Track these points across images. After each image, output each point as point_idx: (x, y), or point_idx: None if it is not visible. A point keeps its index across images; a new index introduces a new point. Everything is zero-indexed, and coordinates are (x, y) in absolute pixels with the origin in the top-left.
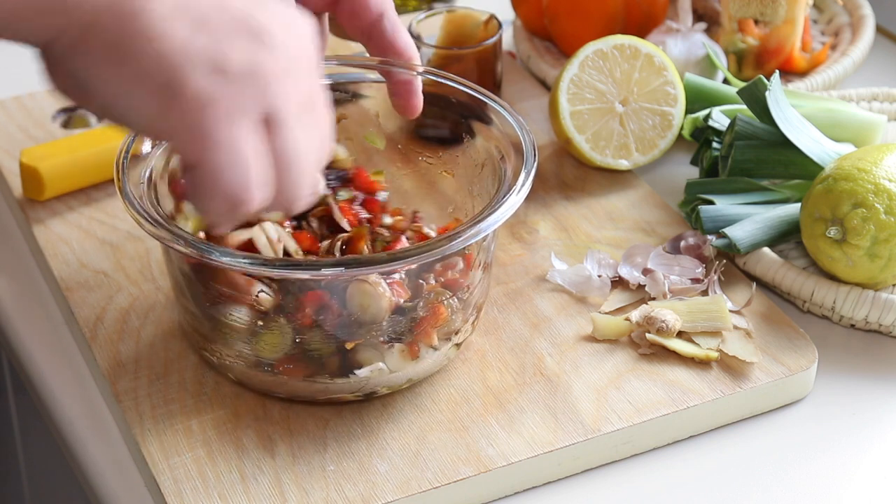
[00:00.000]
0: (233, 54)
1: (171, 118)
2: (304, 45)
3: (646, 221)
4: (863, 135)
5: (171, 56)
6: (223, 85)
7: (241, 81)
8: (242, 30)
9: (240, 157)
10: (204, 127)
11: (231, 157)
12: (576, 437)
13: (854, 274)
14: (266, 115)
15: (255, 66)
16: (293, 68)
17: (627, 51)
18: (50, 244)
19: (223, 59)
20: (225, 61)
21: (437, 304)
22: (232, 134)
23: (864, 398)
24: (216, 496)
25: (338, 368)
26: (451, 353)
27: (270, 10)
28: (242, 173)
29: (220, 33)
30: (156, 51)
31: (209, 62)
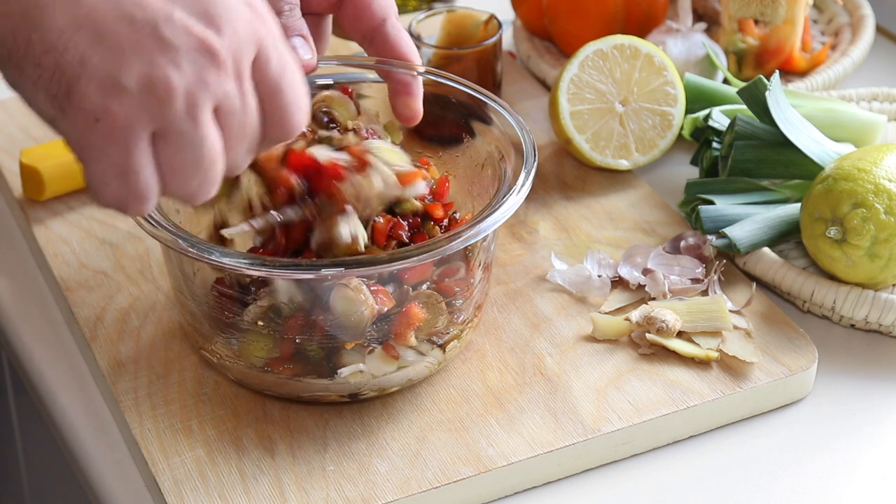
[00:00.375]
0: (129, 69)
1: (65, 125)
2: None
3: (646, 221)
4: (863, 135)
5: (66, 69)
6: (115, 101)
7: (135, 98)
8: (144, 43)
9: (123, 174)
10: (92, 140)
11: (114, 173)
12: (576, 437)
13: (854, 274)
14: (160, 129)
15: (152, 82)
16: (198, 80)
17: (627, 51)
18: (50, 244)
19: (118, 76)
20: (120, 77)
21: (409, 304)
22: (119, 151)
23: (864, 398)
24: (216, 496)
25: (323, 369)
26: (437, 355)
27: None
28: (124, 188)
29: (119, 47)
30: (51, 62)
31: (103, 78)
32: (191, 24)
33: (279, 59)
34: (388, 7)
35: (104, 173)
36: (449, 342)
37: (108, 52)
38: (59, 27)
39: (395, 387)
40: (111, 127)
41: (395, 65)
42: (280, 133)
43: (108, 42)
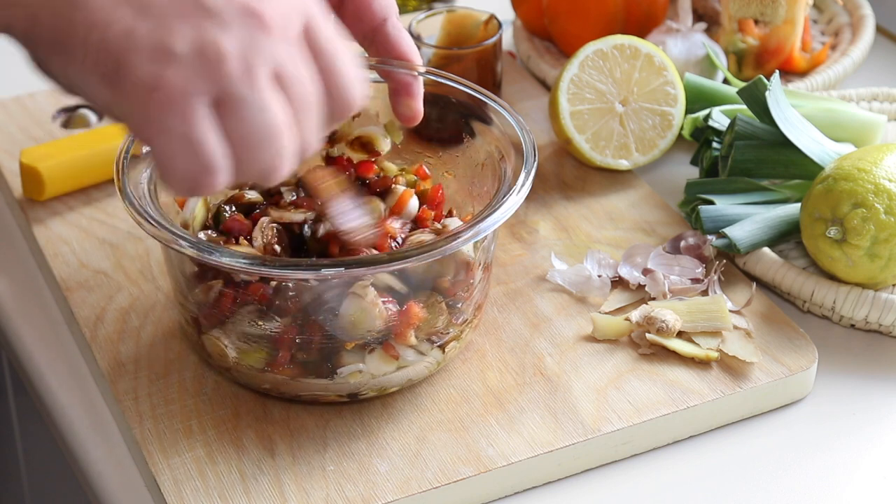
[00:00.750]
0: (178, 36)
1: (122, 104)
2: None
3: (646, 221)
4: (863, 135)
5: (113, 43)
6: (168, 69)
7: (187, 64)
8: (188, 10)
9: (189, 144)
10: (151, 113)
11: (179, 144)
12: (576, 437)
13: (854, 274)
14: (219, 95)
15: (203, 46)
16: (250, 44)
17: (627, 51)
18: (50, 244)
19: (168, 43)
20: (170, 45)
21: (410, 303)
22: (180, 120)
23: (864, 398)
24: (216, 496)
25: (323, 369)
26: (437, 355)
27: None
28: (192, 160)
29: (164, 16)
30: (97, 39)
31: (153, 47)
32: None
33: (328, 31)
34: (389, 7)
35: (169, 147)
36: (448, 342)
37: (153, 22)
38: (100, 4)
39: (394, 387)
40: (168, 96)
41: (396, 65)
42: (342, 107)
43: (153, 12)
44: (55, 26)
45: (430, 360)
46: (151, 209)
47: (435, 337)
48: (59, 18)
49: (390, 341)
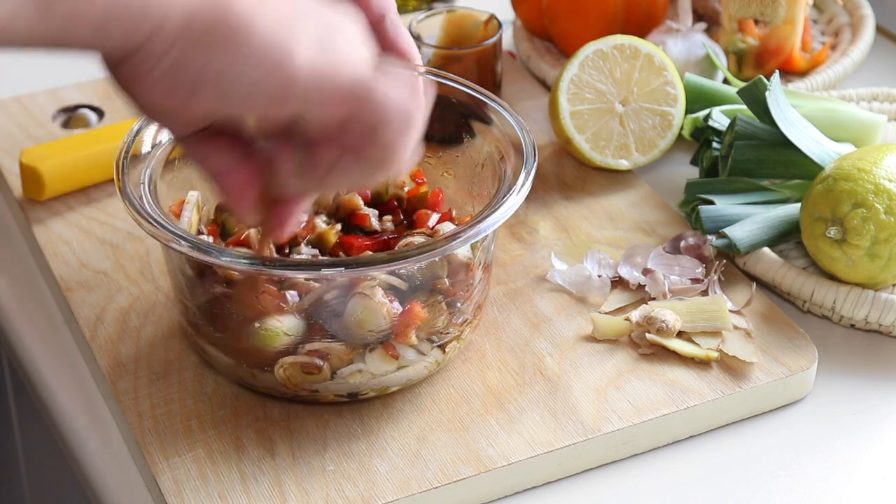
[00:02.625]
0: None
1: (294, 85)
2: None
3: (646, 221)
4: (863, 135)
5: (277, 34)
6: (327, 53)
7: (354, 34)
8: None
9: (388, 86)
10: (333, 82)
11: (379, 87)
12: (576, 437)
13: (854, 274)
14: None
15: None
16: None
17: (627, 51)
18: (50, 244)
19: (323, 37)
20: (327, 40)
21: (412, 303)
22: (369, 75)
23: (864, 398)
24: (216, 496)
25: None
26: (437, 355)
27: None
28: (400, 93)
29: (318, 14)
30: (261, 29)
31: (312, 38)
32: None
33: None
34: (387, 4)
35: (372, 94)
36: (449, 342)
37: (317, 19)
38: (249, 4)
39: (394, 387)
40: (345, 68)
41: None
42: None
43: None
44: (213, 19)
45: (430, 359)
46: (151, 209)
47: (435, 337)
48: (215, 11)
49: (391, 341)
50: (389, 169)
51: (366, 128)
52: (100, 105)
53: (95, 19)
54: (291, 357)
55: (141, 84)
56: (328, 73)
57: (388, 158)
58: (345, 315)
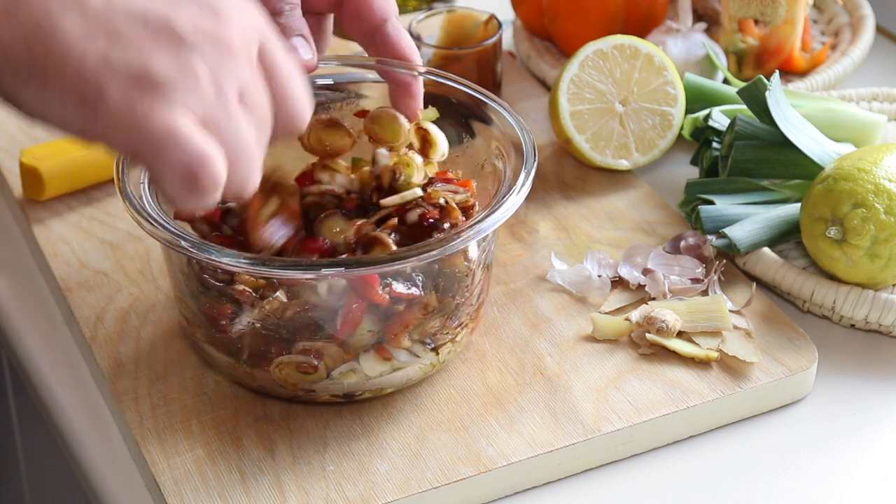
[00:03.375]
0: (154, 62)
1: (101, 127)
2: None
3: (646, 221)
4: (863, 135)
5: (91, 71)
6: (147, 91)
7: (165, 86)
8: (161, 38)
9: (178, 140)
10: (137, 131)
11: (170, 146)
12: (576, 437)
13: (854, 274)
14: (203, 114)
15: (179, 71)
16: (220, 67)
17: (627, 51)
18: (50, 244)
19: (145, 68)
20: (147, 69)
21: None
22: (167, 130)
23: (864, 398)
24: (216, 496)
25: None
26: (430, 358)
27: (189, 9)
28: (186, 152)
29: (138, 44)
30: (75, 68)
31: (130, 73)
32: (203, 18)
33: (281, 51)
34: (389, 7)
35: (161, 153)
36: (443, 345)
37: (129, 50)
38: (73, 35)
39: (391, 388)
40: (152, 115)
41: (396, 65)
42: (290, 123)
43: (126, 40)
44: (30, 57)
45: (424, 362)
46: (151, 209)
47: (429, 339)
48: (33, 50)
49: (383, 343)
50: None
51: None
52: None
53: None
54: (287, 356)
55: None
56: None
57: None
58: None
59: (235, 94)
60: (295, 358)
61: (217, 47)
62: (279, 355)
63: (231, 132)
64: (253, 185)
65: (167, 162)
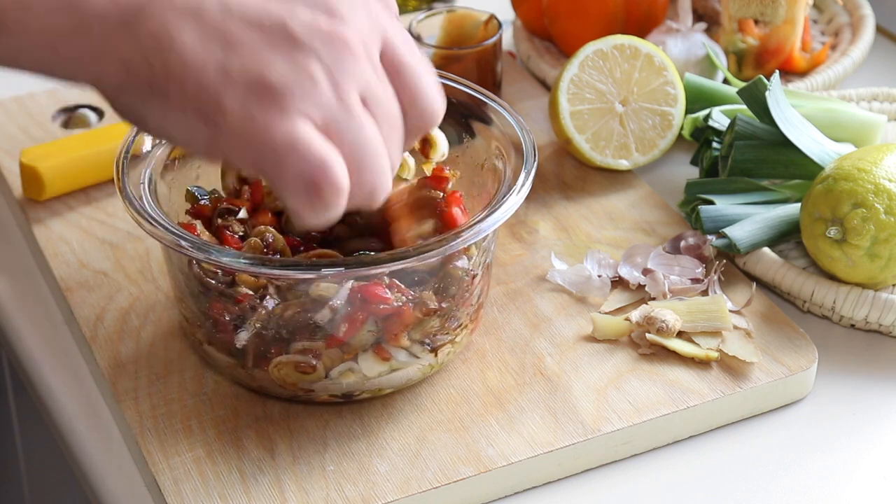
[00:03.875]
0: (271, 69)
1: (224, 140)
2: (354, 33)
3: (646, 221)
4: (863, 135)
5: (210, 82)
6: (265, 100)
7: (282, 93)
8: (277, 43)
9: (299, 149)
10: (259, 143)
11: (291, 155)
12: (576, 437)
13: (854, 274)
14: (319, 122)
15: (297, 76)
16: (339, 68)
17: (627, 51)
18: (50, 244)
19: (263, 76)
20: (265, 77)
21: (404, 305)
22: (288, 139)
23: (864, 398)
24: (216, 496)
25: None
26: (429, 358)
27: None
28: (307, 161)
29: (255, 51)
30: (194, 81)
31: (248, 82)
32: (317, 18)
33: (405, 47)
34: None
35: (283, 167)
36: (442, 346)
37: (245, 58)
38: (191, 46)
39: (389, 389)
40: (271, 126)
41: None
42: (423, 122)
43: (243, 48)
44: (151, 73)
45: (422, 363)
46: (151, 209)
47: (428, 340)
48: (153, 64)
49: (382, 344)
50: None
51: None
52: (100, 105)
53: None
54: (285, 356)
55: (111, 106)
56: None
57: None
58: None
59: (357, 95)
60: (293, 358)
61: (334, 47)
62: (279, 355)
63: (354, 135)
64: (385, 191)
65: (289, 174)
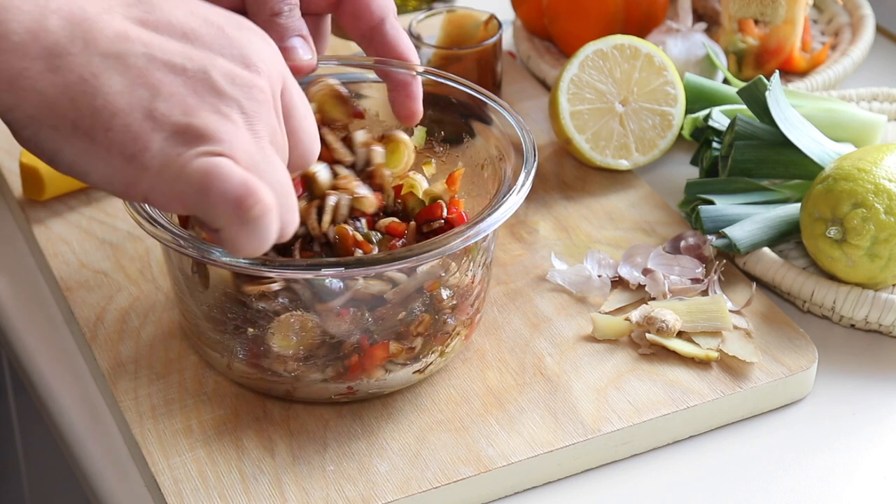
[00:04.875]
0: (198, 115)
1: (148, 180)
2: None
3: (646, 221)
4: (863, 135)
5: (136, 126)
6: (191, 143)
7: (209, 137)
8: (201, 91)
9: (217, 172)
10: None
11: (208, 176)
12: (576, 437)
13: (854, 274)
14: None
15: (219, 122)
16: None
17: (627, 51)
18: (50, 244)
19: (189, 123)
20: (190, 124)
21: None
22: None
23: (864, 398)
24: (216, 496)
25: None
26: (432, 357)
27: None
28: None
29: (180, 98)
30: (121, 124)
31: (175, 127)
32: (236, 69)
33: (297, 89)
34: (387, 7)
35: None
36: (428, 366)
37: (171, 104)
38: (118, 90)
39: (389, 390)
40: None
41: (395, 65)
42: (302, 162)
43: (170, 95)
44: (76, 114)
45: (419, 365)
46: (151, 209)
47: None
48: (79, 106)
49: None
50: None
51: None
52: None
53: None
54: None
55: (14, 134)
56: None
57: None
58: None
59: (269, 142)
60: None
61: (251, 97)
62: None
63: (272, 175)
64: (294, 227)
65: (214, 199)
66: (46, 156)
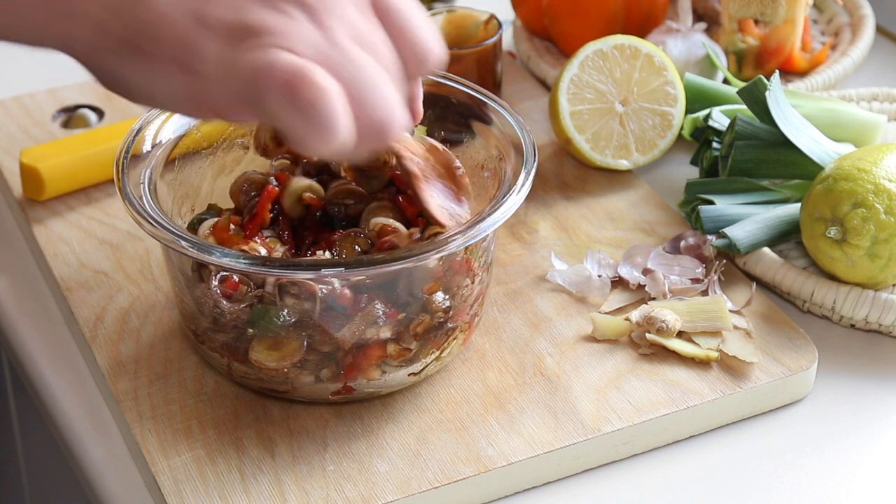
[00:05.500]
0: (249, 14)
1: (205, 88)
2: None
3: (646, 221)
4: (863, 135)
5: (187, 35)
6: (246, 41)
7: (265, 33)
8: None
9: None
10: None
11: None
12: (576, 437)
13: (854, 274)
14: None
15: (276, 17)
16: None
17: (627, 51)
18: (50, 244)
19: (240, 22)
20: (242, 22)
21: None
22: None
23: (864, 398)
24: (216, 496)
25: None
26: (405, 377)
27: None
28: (280, 65)
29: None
30: (169, 34)
31: (227, 28)
32: None
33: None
34: None
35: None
36: (426, 368)
37: (222, 5)
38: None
39: (388, 390)
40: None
41: None
42: (421, 65)
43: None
44: (124, 30)
45: (415, 367)
46: (151, 209)
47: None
48: (126, 21)
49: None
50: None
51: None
52: (100, 105)
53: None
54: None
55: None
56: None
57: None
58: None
59: (347, 38)
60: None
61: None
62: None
63: (349, 68)
64: (396, 125)
65: (265, 88)
66: (121, 87)
